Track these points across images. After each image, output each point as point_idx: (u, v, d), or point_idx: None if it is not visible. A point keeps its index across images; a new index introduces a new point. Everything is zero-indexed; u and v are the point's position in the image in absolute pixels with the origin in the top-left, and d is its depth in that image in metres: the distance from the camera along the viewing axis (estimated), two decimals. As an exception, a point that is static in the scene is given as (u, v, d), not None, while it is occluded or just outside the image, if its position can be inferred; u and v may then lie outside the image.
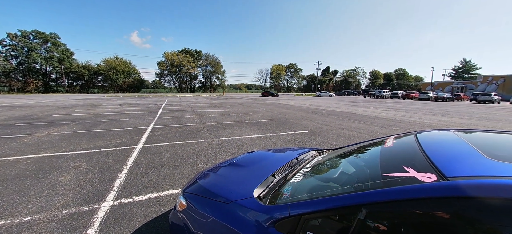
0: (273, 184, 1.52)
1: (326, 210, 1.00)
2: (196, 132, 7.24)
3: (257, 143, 5.98)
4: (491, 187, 0.75)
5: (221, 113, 13.01)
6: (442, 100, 33.79)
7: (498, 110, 18.03)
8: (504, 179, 0.76)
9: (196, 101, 24.59)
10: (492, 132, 1.51)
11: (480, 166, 0.89)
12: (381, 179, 1.05)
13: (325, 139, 6.59)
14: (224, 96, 43.75)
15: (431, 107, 20.28)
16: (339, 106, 19.76)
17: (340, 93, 55.87)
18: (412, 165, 1.03)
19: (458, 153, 1.08)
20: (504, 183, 0.74)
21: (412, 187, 0.86)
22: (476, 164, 0.92)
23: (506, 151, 1.10)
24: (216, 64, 74.58)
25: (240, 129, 7.87)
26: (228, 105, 19.32)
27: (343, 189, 1.13)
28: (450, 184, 0.81)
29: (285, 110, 15.26)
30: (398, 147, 1.41)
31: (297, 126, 8.87)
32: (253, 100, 28.45)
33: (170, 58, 66.06)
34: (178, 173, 3.80)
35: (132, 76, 67.00)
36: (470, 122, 11.46)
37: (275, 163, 1.94)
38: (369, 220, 0.94)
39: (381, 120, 11.24)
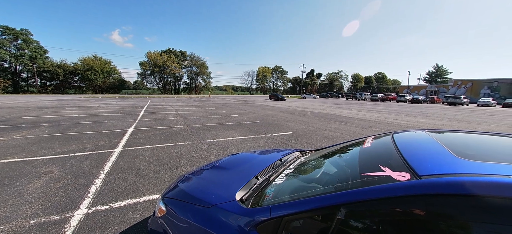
0: (256, 186, 1.50)
1: (307, 211, 1.00)
2: (179, 134, 7.05)
3: (243, 144, 5.94)
4: (458, 184, 0.79)
5: (206, 115, 12.81)
6: (417, 102, 35.93)
7: (466, 112, 19.51)
8: (470, 177, 0.81)
9: (181, 103, 24.02)
10: (461, 132, 1.62)
11: (450, 165, 0.94)
12: (359, 178, 1.08)
13: (309, 140, 6.71)
14: (210, 97, 43.19)
15: (408, 109, 21.46)
16: (323, 108, 20.27)
17: (324, 96, 57.38)
18: (389, 165, 1.06)
19: (430, 152, 1.13)
20: (470, 180, 0.79)
21: (387, 186, 0.89)
22: (446, 162, 0.97)
23: (473, 150, 1.18)
24: (201, 65, 73.42)
25: (226, 131, 7.79)
26: (214, 107, 19.08)
27: (324, 190, 1.14)
28: (423, 182, 0.85)
29: (271, 112, 15.37)
30: (375, 147, 1.45)
31: (283, 127, 8.96)
32: (239, 102, 28.34)
33: (153, 58, 63.93)
34: (160, 177, 3.66)
35: (112, 76, 63.97)
36: (443, 122, 12.27)
37: (259, 165, 1.93)
38: (349, 220, 0.96)
39: (362, 121, 11.69)
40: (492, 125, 11.72)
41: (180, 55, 71.80)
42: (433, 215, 0.83)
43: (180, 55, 71.80)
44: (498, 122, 13.00)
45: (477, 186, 0.76)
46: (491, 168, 0.88)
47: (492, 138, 1.42)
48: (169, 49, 71.51)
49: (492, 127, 11.04)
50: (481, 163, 0.93)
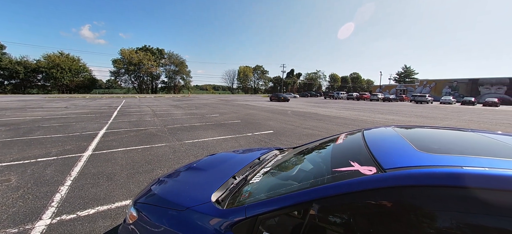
0: (233, 186, 1.49)
1: (281, 208, 1.01)
2: (156, 136, 6.76)
3: (223, 144, 5.88)
4: (418, 175, 0.85)
5: (185, 115, 12.45)
6: (388, 101, 38.56)
7: (431, 109, 21.32)
8: (428, 168, 0.88)
9: (158, 103, 23.07)
10: (424, 127, 1.75)
11: (412, 158, 1.01)
12: (330, 174, 1.12)
13: (289, 138, 6.84)
14: (190, 97, 42.05)
15: (380, 107, 22.86)
16: (303, 107, 20.80)
17: (304, 95, 58.95)
18: (357, 160, 1.11)
19: (395, 147, 1.21)
20: (428, 171, 0.85)
21: (355, 180, 0.93)
22: (408, 156, 1.04)
23: (432, 144, 1.28)
24: (180, 64, 71.04)
25: (206, 131, 7.64)
26: (194, 106, 18.62)
27: (298, 187, 1.16)
28: (387, 175, 0.90)
29: (252, 111, 15.39)
30: (347, 143, 1.52)
31: (264, 126, 9.02)
32: (220, 101, 27.98)
33: (127, 55, 60.28)
34: (134, 181, 3.48)
35: (82, 75, 59.21)
36: (410, 119, 13.26)
37: (237, 164, 1.92)
38: (321, 214, 0.98)
39: (339, 119, 12.20)
40: (452, 121, 12.93)
41: (157, 53, 68.77)
42: (398, 205, 0.89)
43: (157, 53, 68.77)
44: (457, 118, 14.39)
45: (433, 177, 0.82)
46: (447, 159, 0.97)
47: (450, 132, 1.55)
48: (145, 46, 68.14)
49: (452, 122, 12.18)
50: (439, 156, 1.01)
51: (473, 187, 0.78)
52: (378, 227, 0.90)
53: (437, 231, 0.81)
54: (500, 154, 1.01)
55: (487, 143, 1.20)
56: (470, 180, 0.79)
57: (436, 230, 0.81)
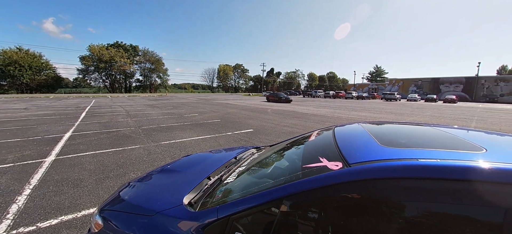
0: (207, 187, 1.46)
1: (253, 207, 1.01)
2: (129, 137, 6.41)
3: (202, 144, 5.76)
4: (377, 169, 0.90)
5: (162, 115, 11.96)
6: (362, 99, 40.86)
7: (399, 106, 23.02)
8: (387, 162, 0.94)
9: (132, 103, 21.87)
10: (388, 123, 1.88)
11: (374, 153, 1.07)
12: (301, 170, 1.15)
13: (268, 136, 6.92)
14: (167, 96, 40.48)
15: (354, 104, 24.13)
16: (282, 105, 21.16)
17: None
18: (326, 156, 1.16)
19: (361, 142, 1.28)
20: (387, 165, 0.91)
21: (322, 175, 0.97)
22: (371, 151, 1.10)
23: (394, 138, 1.38)
24: (156, 62, 67.92)
25: (184, 131, 7.41)
26: (171, 106, 17.96)
27: (270, 184, 1.18)
28: (351, 169, 0.94)
29: (232, 110, 15.29)
30: (318, 140, 1.58)
31: (244, 125, 9.01)
32: (200, 100, 27.35)
33: (97, 52, 55.98)
34: (103, 186, 3.26)
35: (44, 72, 53.76)
36: (380, 115, 14.18)
37: (213, 165, 1.89)
38: (292, 211, 1.01)
39: (316, 116, 12.63)
40: (417, 116, 14.09)
41: (131, 50, 64.97)
42: (362, 198, 0.93)
43: (131, 50, 64.97)
44: (421, 114, 15.71)
45: (390, 169, 0.88)
46: (405, 153, 1.04)
47: (410, 128, 1.68)
48: (117, 42, 63.96)
49: (417, 118, 13.27)
50: (399, 149, 1.09)
51: (426, 177, 0.84)
52: (346, 220, 0.95)
53: (398, 221, 0.87)
54: (452, 146, 1.11)
55: (441, 136, 1.31)
56: (424, 171, 0.86)
57: (397, 219, 0.87)
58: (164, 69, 71.26)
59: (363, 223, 0.93)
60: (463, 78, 47.85)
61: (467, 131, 1.46)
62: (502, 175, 0.78)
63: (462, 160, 0.90)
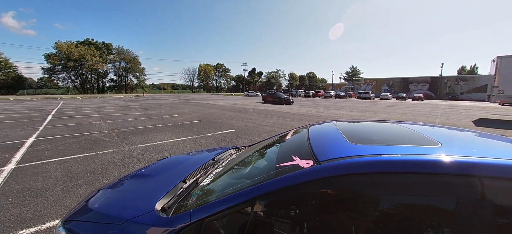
0: (181, 190, 1.42)
1: (227, 209, 1.01)
2: (102, 141, 6.02)
3: (181, 146, 5.60)
4: (344, 165, 0.95)
5: (138, 116, 11.42)
6: (339, 97, 42.71)
7: (373, 104, 24.40)
8: (353, 158, 0.98)
9: (106, 104, 20.58)
10: (358, 121, 1.98)
11: (343, 150, 1.12)
12: (274, 169, 1.17)
13: (250, 136, 6.93)
14: (144, 97, 38.75)
15: (332, 103, 25.08)
16: (264, 104, 21.33)
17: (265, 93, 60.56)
18: (299, 154, 1.19)
19: (331, 140, 1.33)
20: (352, 161, 0.96)
21: (294, 174, 0.99)
22: (340, 148, 1.15)
23: (362, 135, 1.46)
24: (132, 60, 64.49)
25: (162, 133, 7.15)
26: (149, 107, 17.21)
27: (244, 185, 1.18)
28: (320, 167, 0.98)
29: (214, 110, 15.07)
30: (294, 139, 1.61)
31: (225, 125, 8.93)
32: (179, 101, 26.54)
33: (65, 50, 51.64)
34: (71, 195, 3.03)
35: (3, 72, 48.47)
36: (356, 113, 14.92)
37: (189, 167, 1.84)
38: (266, 210, 1.02)
39: (297, 115, 12.92)
40: (389, 113, 15.04)
41: (104, 48, 61.04)
42: (333, 194, 0.97)
43: (104, 48, 61.04)
44: (392, 111, 16.80)
45: (355, 165, 0.93)
46: (371, 149, 1.10)
47: (377, 125, 1.79)
48: (87, 40, 59.71)
49: (389, 115, 14.16)
50: (365, 146, 1.15)
51: (388, 172, 0.90)
52: (319, 216, 0.98)
53: (366, 214, 0.92)
54: (412, 141, 1.20)
55: (403, 132, 1.41)
56: (386, 166, 0.92)
57: (365, 213, 0.92)
58: (141, 69, 68.03)
59: (335, 218, 0.97)
60: (429, 78, 52.25)
61: (426, 126, 1.58)
62: (452, 166, 0.86)
63: (419, 154, 0.98)
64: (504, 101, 12.01)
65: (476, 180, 0.81)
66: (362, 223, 0.92)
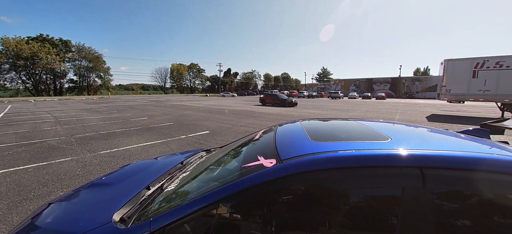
0: (144, 198, 1.35)
1: (190, 214, 0.98)
2: (58, 148, 5.43)
3: (150, 151, 5.30)
4: (304, 162, 0.99)
5: (102, 120, 10.54)
6: (312, 97, 44.67)
7: (342, 103, 25.93)
8: (313, 155, 1.03)
9: (64, 107, 18.61)
10: (322, 119, 2.08)
11: (304, 147, 1.17)
12: (239, 170, 1.17)
13: (225, 137, 6.85)
14: (110, 99, 35.90)
15: (305, 103, 26.05)
16: (240, 105, 21.28)
17: (241, 94, 60.51)
18: (264, 154, 1.20)
19: (295, 139, 1.38)
20: (311, 158, 1.00)
21: (256, 174, 1.00)
22: (302, 146, 1.20)
23: (323, 133, 1.54)
24: (95, 59, 59.10)
25: (129, 137, 6.69)
26: (115, 110, 16.00)
27: (209, 188, 1.16)
28: (282, 165, 1.01)
29: (187, 112, 14.58)
30: (262, 139, 1.63)
31: (199, 127, 8.70)
32: (150, 102, 25.13)
33: (14, 46, 45.30)
34: (19, 211, 2.68)
35: None
36: (326, 112, 15.71)
37: (155, 173, 1.75)
38: (231, 212, 1.01)
39: (271, 115, 13.14)
40: (356, 111, 16.12)
41: (61, 45, 55.01)
42: (295, 191, 1.00)
43: (61, 45, 55.01)
44: (359, 109, 18.04)
45: (313, 162, 0.97)
46: (329, 146, 1.15)
47: (338, 122, 1.89)
48: (41, 35, 53.25)
49: (356, 113, 15.18)
50: (325, 143, 1.21)
51: (344, 167, 0.96)
52: (283, 214, 1.00)
53: (326, 208, 0.96)
54: (366, 137, 1.30)
55: (360, 129, 1.52)
56: (342, 161, 0.98)
57: (325, 207, 0.97)
58: (106, 68, 62.84)
59: (299, 215, 0.99)
60: (389, 78, 57.54)
61: (379, 123, 1.72)
62: (398, 159, 0.95)
63: (371, 149, 1.06)
64: (451, 99, 13.69)
65: (417, 171, 0.90)
66: (324, 217, 0.96)
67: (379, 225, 0.91)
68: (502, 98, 12.05)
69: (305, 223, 0.98)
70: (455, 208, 0.89)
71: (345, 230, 0.95)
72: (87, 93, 56.80)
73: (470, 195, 0.88)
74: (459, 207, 0.89)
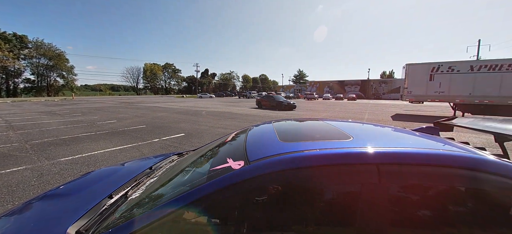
0: (105, 208, 1.25)
1: (153, 222, 0.93)
2: (10, 156, 4.82)
3: (120, 156, 4.97)
4: (272, 163, 1.00)
5: (64, 124, 9.61)
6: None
7: (317, 104, 26.99)
8: (279, 156, 1.04)
9: (19, 110, 16.60)
10: (292, 120, 2.14)
11: (273, 148, 1.18)
12: (207, 174, 1.15)
13: (201, 139, 6.70)
14: (74, 100, 32.90)
15: (284, 104, 26.60)
16: (218, 106, 20.99)
17: (219, 95, 59.74)
18: (233, 156, 1.20)
19: (264, 140, 1.40)
20: (277, 159, 1.02)
21: (223, 177, 0.99)
22: (271, 147, 1.22)
23: (292, 134, 1.58)
24: (56, 57, 53.62)
25: (95, 142, 6.20)
26: (80, 112, 14.71)
27: (175, 194, 1.11)
28: (249, 167, 1.01)
29: (161, 114, 13.95)
30: (234, 140, 1.62)
31: (174, 129, 8.39)
32: (120, 104, 23.54)
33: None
34: (-45, 230, 2.31)
35: None
36: (303, 112, 16.21)
37: (119, 180, 1.64)
38: (196, 219, 0.98)
39: (250, 116, 13.18)
40: (329, 112, 16.90)
41: (15, 41, 48.99)
42: (263, 192, 1.00)
43: (15, 41, 48.99)
44: (332, 109, 18.94)
45: (281, 162, 0.99)
46: (296, 146, 1.17)
47: (308, 123, 1.95)
48: (-11, 29, 46.91)
49: (329, 113, 15.90)
50: (292, 143, 1.23)
51: (309, 166, 1.00)
52: (253, 215, 1.00)
53: (294, 207, 0.99)
54: (330, 137, 1.35)
55: (326, 128, 1.58)
56: (307, 160, 1.01)
57: (293, 206, 0.99)
58: (69, 67, 57.44)
59: (269, 215, 1.00)
60: (359, 80, 61.64)
61: (344, 122, 1.82)
62: (357, 157, 1.01)
63: (334, 148, 1.11)
64: (412, 100, 15.05)
65: (374, 168, 0.97)
66: (292, 215, 0.99)
67: (341, 219, 0.96)
68: (453, 99, 13.57)
69: (275, 223, 1.00)
70: (407, 200, 0.97)
71: (311, 226, 0.98)
72: (47, 95, 51.35)
73: (420, 187, 0.97)
74: (410, 199, 0.98)
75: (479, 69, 12.79)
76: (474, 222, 0.96)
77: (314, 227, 0.98)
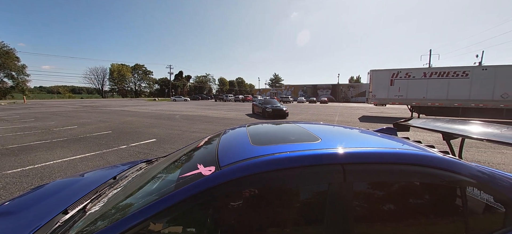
0: (58, 225, 1.12)
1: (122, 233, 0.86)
2: None
3: (80, 166, 4.51)
4: (243, 167, 0.99)
5: (12, 131, 8.45)
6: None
7: (292, 107, 27.79)
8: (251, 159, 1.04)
9: (-48, 116, 14.15)
10: (265, 122, 2.16)
11: (244, 152, 1.17)
12: (176, 181, 1.10)
13: (174, 145, 6.41)
14: (26, 104, 29.16)
15: (260, 107, 26.88)
16: (193, 110, 20.37)
17: (195, 98, 58.13)
18: (204, 162, 1.16)
19: (237, 143, 1.39)
20: (249, 162, 1.01)
21: (193, 184, 0.95)
22: (243, 151, 1.20)
23: (264, 137, 1.59)
24: (4, 55, 47.16)
25: (51, 151, 5.55)
26: (33, 117, 13.07)
27: (139, 205, 1.04)
28: (220, 172, 0.99)
29: (130, 118, 13.06)
30: (206, 145, 1.58)
31: (144, 135, 7.91)
32: (82, 108, 21.46)
33: None
34: None
35: None
36: (279, 116, 16.56)
37: (77, 192, 1.48)
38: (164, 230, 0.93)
39: (226, 120, 13.03)
40: (304, 114, 17.50)
41: None
42: (236, 196, 0.99)
43: None
44: (306, 112, 19.67)
45: (250, 166, 0.99)
46: (268, 149, 1.17)
47: (280, 126, 1.98)
48: None
49: (304, 115, 16.48)
50: (264, 147, 1.23)
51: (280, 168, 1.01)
52: (229, 221, 0.98)
53: (266, 210, 0.99)
54: (300, 139, 1.39)
55: (297, 131, 1.61)
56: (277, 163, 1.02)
57: (266, 209, 0.99)
58: (20, 66, 50.74)
59: (242, 220, 0.99)
60: (330, 85, 65.40)
61: (314, 125, 1.89)
62: (324, 158, 1.05)
63: (303, 150, 1.14)
64: (376, 103, 16.36)
65: (340, 167, 1.02)
66: (265, 218, 0.99)
67: (310, 218, 0.99)
68: (410, 102, 15.09)
69: (248, 227, 0.99)
70: (370, 196, 1.04)
71: (282, 227, 1.00)
72: (-9, 98, 44.65)
73: (380, 184, 1.05)
74: (372, 195, 1.05)
75: (430, 75, 14.43)
76: (428, 211, 1.06)
77: (285, 228, 1.00)
